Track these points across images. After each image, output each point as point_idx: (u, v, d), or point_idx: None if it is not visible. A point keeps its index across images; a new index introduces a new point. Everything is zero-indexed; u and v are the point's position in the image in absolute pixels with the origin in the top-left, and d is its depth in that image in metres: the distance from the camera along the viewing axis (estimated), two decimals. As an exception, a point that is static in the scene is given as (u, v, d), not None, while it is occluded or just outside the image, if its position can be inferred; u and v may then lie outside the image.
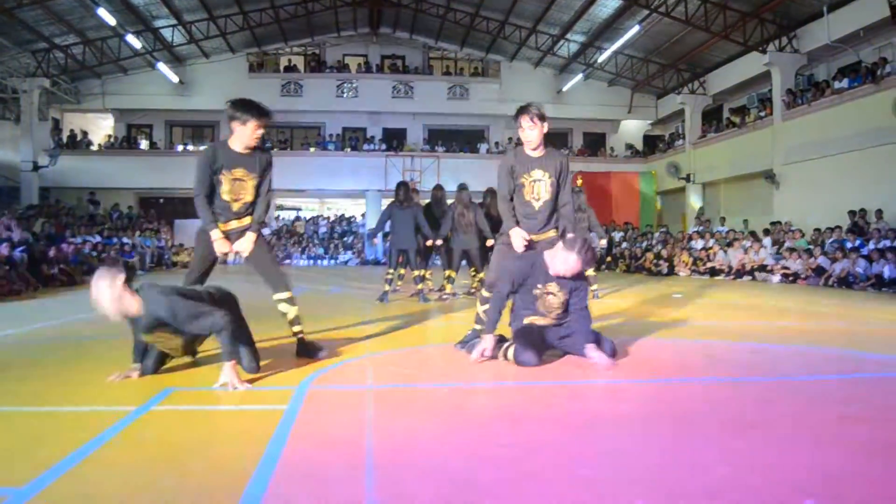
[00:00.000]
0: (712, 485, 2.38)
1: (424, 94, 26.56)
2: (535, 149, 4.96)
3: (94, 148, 26.04)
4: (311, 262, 24.08)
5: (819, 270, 13.89)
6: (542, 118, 4.89)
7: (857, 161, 15.96)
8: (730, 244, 17.12)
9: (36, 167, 22.35)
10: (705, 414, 3.37)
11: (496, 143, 27.14)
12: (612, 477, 2.48)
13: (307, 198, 29.57)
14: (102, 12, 18.96)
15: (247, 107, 4.59)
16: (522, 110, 4.90)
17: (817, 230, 15.69)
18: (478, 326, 4.96)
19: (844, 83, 16.86)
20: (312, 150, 26.54)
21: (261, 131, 4.61)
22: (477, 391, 3.96)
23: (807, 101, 17.99)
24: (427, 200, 10.74)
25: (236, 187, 4.56)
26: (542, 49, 24.93)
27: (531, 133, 4.87)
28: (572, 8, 21.64)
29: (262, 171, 4.65)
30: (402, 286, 11.06)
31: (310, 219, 27.96)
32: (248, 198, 4.64)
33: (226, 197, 4.54)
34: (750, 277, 15.50)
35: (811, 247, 14.98)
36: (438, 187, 10.96)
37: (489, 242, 9.23)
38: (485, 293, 5.06)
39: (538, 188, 4.92)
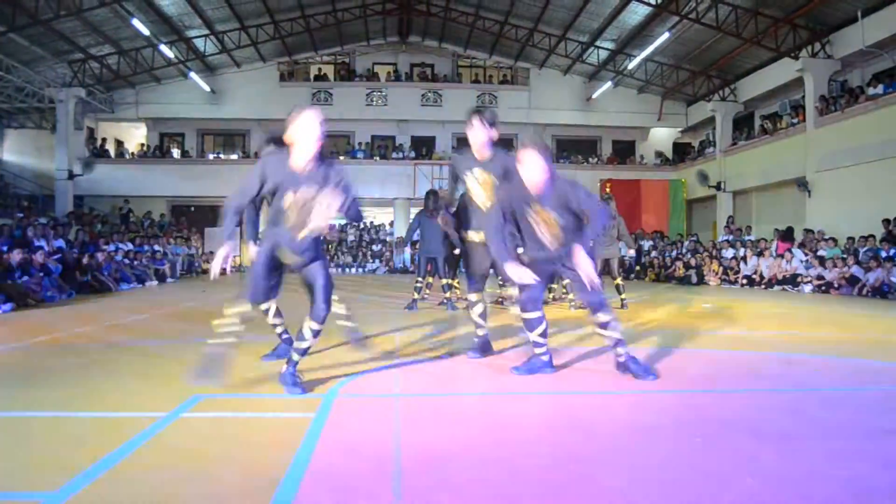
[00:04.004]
0: (741, 498, 2.35)
1: (453, 102, 26.53)
2: (478, 150, 5.08)
3: (128, 157, 26.53)
4: (340, 270, 24.15)
5: (853, 280, 13.66)
6: (492, 124, 5.04)
7: (892, 169, 15.66)
8: (761, 253, 16.90)
9: (71, 175, 22.71)
10: (735, 425, 3.32)
11: (524, 151, 27.07)
12: (640, 489, 2.46)
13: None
14: (137, 23, 19.38)
15: None
16: (476, 111, 5.09)
17: (850, 239, 15.43)
18: (479, 332, 5.30)
19: (879, 89, 16.56)
20: (342, 158, 26.63)
21: None
22: (504, 400, 3.94)
23: (840, 108, 17.69)
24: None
25: None
26: (571, 56, 24.84)
27: (477, 134, 5.00)
28: (602, 15, 21.58)
29: None
30: (430, 294, 11.07)
31: (340, 227, 28.05)
32: None
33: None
34: (781, 287, 15.29)
35: (844, 255, 14.73)
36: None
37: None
38: (472, 297, 5.38)
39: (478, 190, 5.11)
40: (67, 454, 2.83)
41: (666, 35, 20.23)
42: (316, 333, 3.98)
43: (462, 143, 27.52)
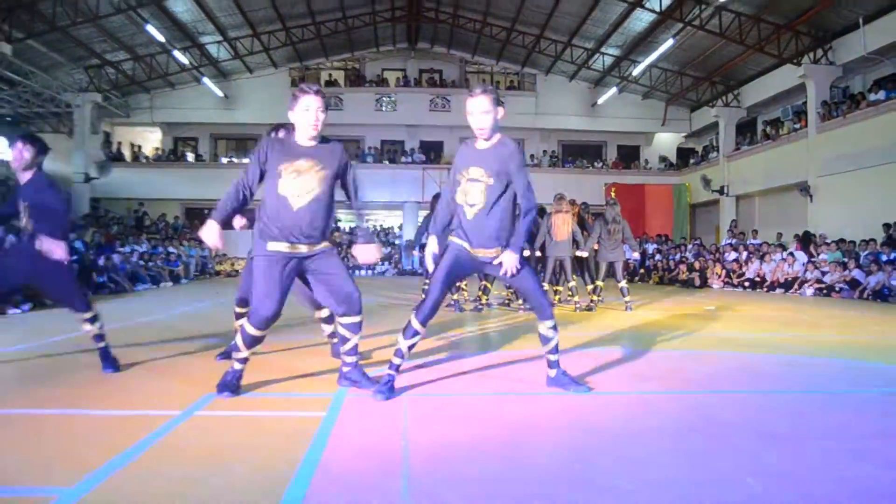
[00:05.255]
0: (744, 498, 2.41)
1: (461, 108, 26.54)
2: (487, 139, 4.03)
3: (143, 160, 27.04)
4: (351, 271, 24.36)
5: (854, 283, 13.90)
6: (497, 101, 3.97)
7: (893, 174, 15.91)
8: (763, 257, 17.16)
9: (88, 178, 23.21)
10: (738, 426, 3.37)
11: (531, 156, 27.41)
12: (643, 488, 2.50)
13: (346, 209, 30.07)
14: (151, 29, 19.77)
15: None
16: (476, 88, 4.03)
17: (851, 242, 15.69)
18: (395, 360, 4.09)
19: (881, 95, 16.82)
20: (352, 162, 27.02)
21: None
22: (510, 400, 3.97)
23: (842, 114, 17.98)
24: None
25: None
26: (576, 63, 25.17)
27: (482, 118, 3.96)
28: (607, 22, 21.88)
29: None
30: None
31: (350, 230, 28.30)
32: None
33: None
34: (783, 290, 15.54)
35: (845, 259, 15.01)
36: None
37: (525, 253, 9.56)
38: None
39: (473, 191, 3.97)
40: (83, 451, 2.90)
41: (670, 42, 20.47)
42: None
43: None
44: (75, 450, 2.94)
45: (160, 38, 20.69)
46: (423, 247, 10.01)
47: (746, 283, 16.92)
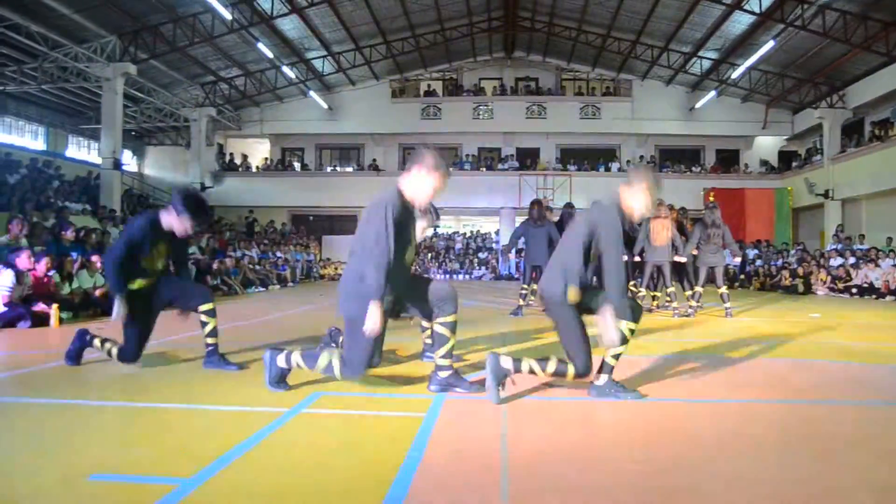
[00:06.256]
0: None
1: (557, 115, 27.20)
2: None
3: (253, 170, 28.55)
4: (447, 276, 25.05)
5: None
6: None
7: None
8: (872, 262, 16.64)
9: (203, 187, 24.65)
10: (846, 439, 3.26)
11: (628, 162, 27.34)
12: (744, 502, 2.45)
13: (444, 215, 30.83)
14: (262, 47, 20.93)
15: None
16: None
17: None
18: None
19: None
20: (450, 169, 27.69)
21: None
22: (608, 405, 3.92)
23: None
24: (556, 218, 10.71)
25: None
26: (673, 67, 24.95)
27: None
28: (704, 25, 21.64)
29: None
30: (535, 301, 11.33)
31: (448, 235, 28.92)
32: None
33: None
34: (894, 297, 15.03)
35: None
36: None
37: (624, 258, 9.69)
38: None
39: None
40: (201, 444, 3.06)
41: (770, 43, 20.04)
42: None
43: (566, 154, 28.12)
44: (195, 442, 3.12)
45: (269, 54, 21.86)
46: (519, 251, 10.27)
47: (853, 290, 16.40)
